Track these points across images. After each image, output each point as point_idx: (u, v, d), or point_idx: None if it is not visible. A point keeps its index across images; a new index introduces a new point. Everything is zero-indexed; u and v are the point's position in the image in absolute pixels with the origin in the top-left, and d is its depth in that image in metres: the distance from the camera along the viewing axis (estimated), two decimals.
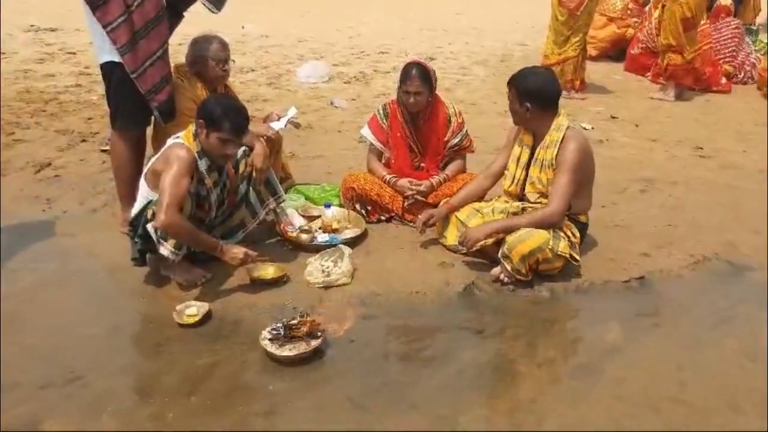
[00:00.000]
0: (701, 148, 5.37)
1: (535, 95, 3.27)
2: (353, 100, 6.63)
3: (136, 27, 3.26)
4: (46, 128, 5.59)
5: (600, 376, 2.66)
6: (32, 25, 9.82)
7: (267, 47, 9.13)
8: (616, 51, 8.59)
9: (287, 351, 2.66)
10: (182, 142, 3.09)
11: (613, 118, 6.19)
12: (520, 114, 3.32)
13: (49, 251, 3.51)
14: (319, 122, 5.89)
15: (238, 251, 3.09)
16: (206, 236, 3.13)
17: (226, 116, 3.04)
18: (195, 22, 3.91)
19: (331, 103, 6.43)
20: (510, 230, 3.18)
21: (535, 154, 3.35)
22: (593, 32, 8.18)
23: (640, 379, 2.64)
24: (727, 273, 3.48)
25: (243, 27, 10.33)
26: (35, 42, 8.91)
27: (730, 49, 7.81)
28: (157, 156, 3.17)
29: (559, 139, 3.27)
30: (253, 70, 7.80)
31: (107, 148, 4.45)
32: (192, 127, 3.12)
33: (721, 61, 7.66)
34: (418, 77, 3.70)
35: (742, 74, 7.83)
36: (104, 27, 3.24)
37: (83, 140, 5.35)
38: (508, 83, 3.33)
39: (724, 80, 7.48)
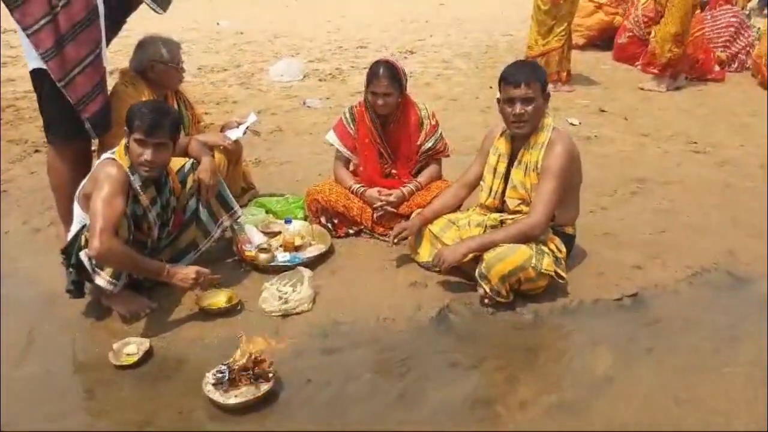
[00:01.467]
0: (695, 143, 5.05)
1: (546, 86, 2.99)
2: (327, 98, 6.29)
3: (62, 30, 2.91)
4: None
5: (588, 415, 2.35)
6: None
7: (241, 44, 8.77)
8: (604, 39, 8.25)
9: (233, 398, 2.34)
10: (112, 158, 2.75)
11: (602, 111, 5.87)
12: (540, 108, 2.97)
13: None
14: (290, 124, 5.55)
15: (188, 271, 2.76)
16: (148, 261, 2.79)
17: (136, 114, 2.73)
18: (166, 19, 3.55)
19: (304, 103, 6.09)
20: (488, 247, 2.86)
21: (519, 156, 3.02)
22: (580, 20, 7.86)
23: (632, 416, 2.34)
24: (727, 286, 3.16)
25: (218, 24, 9.96)
26: None
27: (723, 39, 7.49)
28: (87, 177, 2.83)
29: (546, 141, 2.94)
30: (225, 70, 7.45)
31: None
32: (124, 141, 2.79)
33: (714, 49, 7.33)
34: (387, 77, 3.37)
35: (736, 64, 7.51)
36: (24, 30, 2.89)
37: (36, 150, 5.02)
38: (528, 80, 2.91)
39: (717, 68, 7.15)
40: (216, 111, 5.86)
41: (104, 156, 2.84)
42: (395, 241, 3.20)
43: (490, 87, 6.71)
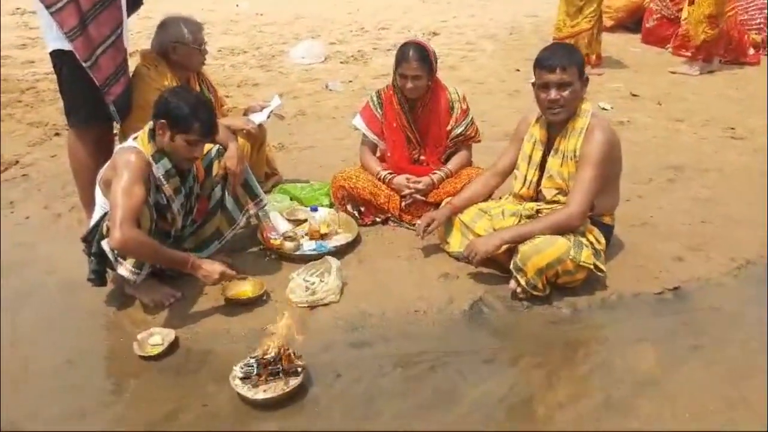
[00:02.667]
0: (732, 129, 4.86)
1: (584, 69, 2.84)
2: (350, 81, 6.15)
3: (84, 9, 2.81)
4: (19, 120, 5.21)
5: (633, 417, 2.23)
6: (18, 8, 9.35)
7: (261, 26, 8.62)
8: (633, 21, 8.00)
9: (261, 393, 2.25)
10: (133, 145, 2.66)
11: (634, 95, 5.68)
12: (577, 93, 2.82)
13: (4, 266, 3.10)
14: (312, 108, 5.43)
15: (212, 269, 2.66)
16: (172, 252, 2.70)
17: (194, 115, 2.62)
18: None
19: (326, 86, 5.96)
20: (523, 239, 2.73)
21: (555, 144, 2.88)
22: (608, 1, 7.62)
23: (680, 419, 2.22)
24: None
25: (237, 5, 9.82)
26: (19, 26, 8.46)
27: (757, 21, 7.22)
28: (108, 163, 2.74)
29: (584, 128, 2.80)
30: (245, 52, 7.32)
31: None
32: (148, 127, 2.68)
33: (748, 31, 7.08)
34: (416, 59, 3.23)
35: None
36: (48, 8, 2.79)
37: (57, 134, 4.94)
38: (564, 64, 2.76)
39: (752, 51, 6.91)
40: (236, 94, 5.74)
41: (126, 142, 2.74)
42: (423, 233, 3.08)
43: (517, 70, 6.56)
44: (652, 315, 2.78)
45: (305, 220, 3.36)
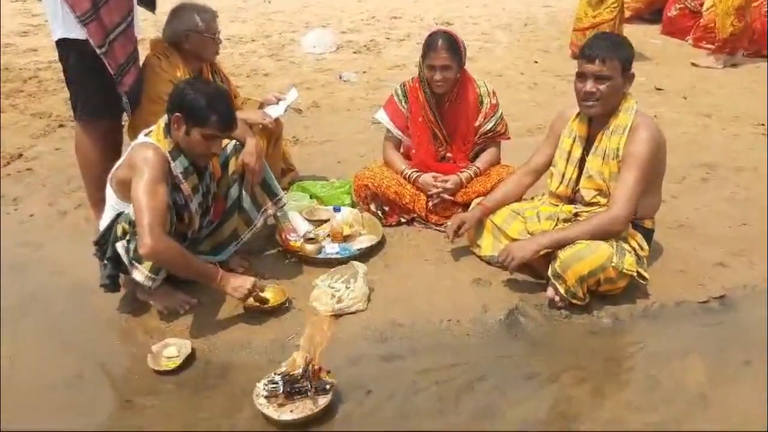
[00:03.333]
0: (763, 125, 4.68)
1: (631, 65, 2.67)
2: (364, 72, 5.95)
3: None
4: (22, 111, 5.03)
5: None
6: None
7: (269, 13, 8.40)
8: (652, 12, 7.79)
9: (288, 414, 2.08)
10: (149, 141, 2.48)
11: (658, 90, 5.49)
12: (617, 88, 2.65)
13: (6, 267, 2.93)
14: (326, 100, 5.24)
15: (243, 282, 2.49)
16: (202, 263, 2.53)
17: (212, 108, 2.44)
18: None
19: (340, 77, 5.76)
20: (563, 244, 2.56)
21: (596, 142, 2.71)
22: None
23: None
24: None
25: None
26: (21, 13, 8.25)
27: None
28: (121, 160, 2.56)
29: (628, 126, 2.63)
30: (253, 41, 7.11)
31: None
32: (163, 121, 2.51)
33: None
34: (446, 49, 3.04)
35: None
36: None
37: (61, 125, 4.77)
38: (605, 56, 2.59)
39: None
40: (247, 84, 5.55)
41: (140, 138, 2.57)
42: (453, 235, 2.91)
43: (536, 62, 6.37)
44: (697, 326, 2.63)
45: (326, 220, 3.19)
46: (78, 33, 2.74)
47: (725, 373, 2.37)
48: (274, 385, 2.13)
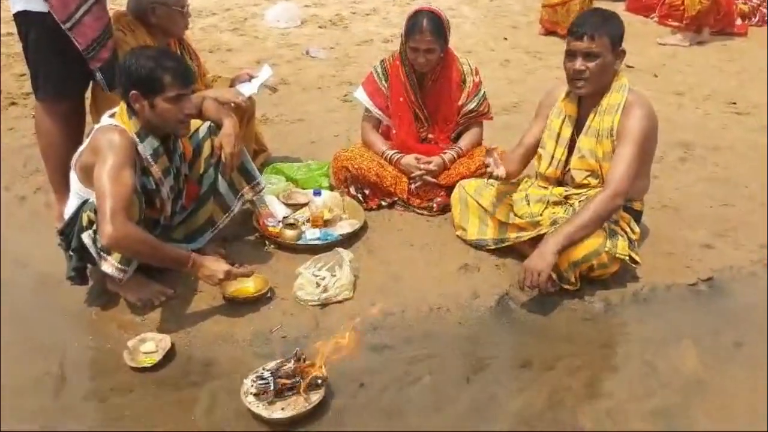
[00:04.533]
0: (734, 104, 4.69)
1: (621, 41, 2.58)
2: (332, 48, 5.77)
3: None
4: None
5: (687, 425, 2.05)
6: None
7: None
8: None
9: (279, 411, 1.98)
10: (114, 123, 2.31)
11: (629, 67, 5.45)
12: (607, 66, 2.57)
13: None
14: (295, 76, 5.06)
15: (217, 268, 2.34)
16: (172, 249, 2.38)
17: (161, 68, 2.28)
18: None
19: (307, 53, 5.57)
20: (578, 240, 2.45)
21: (588, 122, 2.63)
22: None
23: (736, 426, 2.04)
24: None
25: None
26: None
27: None
28: (84, 144, 2.39)
29: (621, 104, 2.56)
30: (214, 14, 6.84)
31: None
32: (124, 103, 2.33)
33: (735, 1, 6.92)
34: (431, 31, 2.91)
35: (757, 17, 7.11)
36: None
37: (13, 103, 4.51)
38: (594, 32, 2.50)
39: (739, 21, 6.76)
40: (210, 59, 5.31)
41: (103, 120, 2.38)
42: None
43: (505, 38, 6.28)
44: (688, 309, 2.60)
45: (304, 204, 3.06)
46: (40, 5, 2.52)
47: (718, 356, 2.35)
48: (263, 382, 2.01)
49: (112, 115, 2.39)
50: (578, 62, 2.55)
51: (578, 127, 2.69)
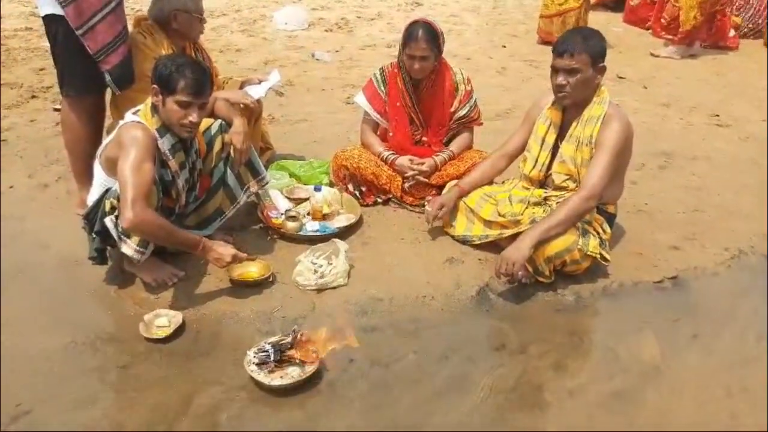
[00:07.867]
0: (717, 116, 4.95)
1: (603, 58, 2.81)
2: (336, 51, 6.04)
3: None
4: None
5: (642, 408, 2.29)
6: None
7: None
8: (616, 0, 8.03)
9: (278, 380, 2.23)
10: (137, 120, 2.57)
11: (620, 78, 5.72)
12: (587, 81, 2.80)
13: None
14: (300, 78, 5.32)
15: (224, 252, 2.61)
16: (183, 233, 2.63)
17: (179, 73, 2.52)
18: None
19: (313, 56, 5.84)
20: (552, 236, 2.70)
21: (570, 130, 2.89)
22: None
23: (688, 410, 2.28)
24: (765, 270, 3.10)
25: None
26: None
27: (737, 3, 7.31)
28: (109, 138, 2.64)
29: (601, 116, 2.81)
30: (224, 14, 7.12)
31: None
32: (150, 100, 2.59)
33: (729, 11, 7.16)
34: (425, 40, 3.18)
35: (751, 25, 7.31)
36: None
37: (33, 96, 4.77)
38: (574, 50, 2.74)
39: (732, 33, 7.00)
40: (220, 59, 5.58)
41: (128, 117, 2.64)
42: (433, 219, 3.07)
43: (504, 46, 6.53)
44: (652, 303, 2.84)
45: (305, 199, 3.32)
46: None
47: (676, 346, 2.59)
48: (265, 354, 2.27)
49: (136, 112, 2.64)
50: (560, 77, 2.80)
51: (561, 134, 2.94)
